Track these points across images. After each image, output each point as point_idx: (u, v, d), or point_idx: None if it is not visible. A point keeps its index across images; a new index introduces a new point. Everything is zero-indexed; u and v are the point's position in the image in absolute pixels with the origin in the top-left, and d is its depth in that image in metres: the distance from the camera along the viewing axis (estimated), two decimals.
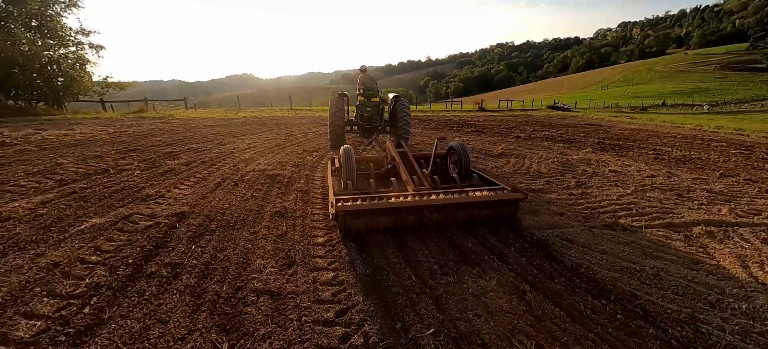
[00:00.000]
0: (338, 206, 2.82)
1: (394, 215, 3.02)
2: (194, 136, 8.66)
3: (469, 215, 3.25)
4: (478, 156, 6.98)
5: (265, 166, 5.47)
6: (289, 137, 9.03)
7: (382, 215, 2.99)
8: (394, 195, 3.09)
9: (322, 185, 4.65)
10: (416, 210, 3.05)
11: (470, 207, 3.22)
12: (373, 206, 2.90)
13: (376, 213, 2.96)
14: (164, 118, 13.41)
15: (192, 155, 6.30)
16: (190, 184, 4.51)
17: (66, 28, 15.00)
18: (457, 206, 3.15)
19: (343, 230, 2.98)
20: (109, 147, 6.85)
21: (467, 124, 14.36)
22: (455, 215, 3.21)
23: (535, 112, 26.50)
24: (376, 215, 2.97)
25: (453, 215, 3.20)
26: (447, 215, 3.17)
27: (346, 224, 2.93)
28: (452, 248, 2.81)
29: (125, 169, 5.13)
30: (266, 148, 7.37)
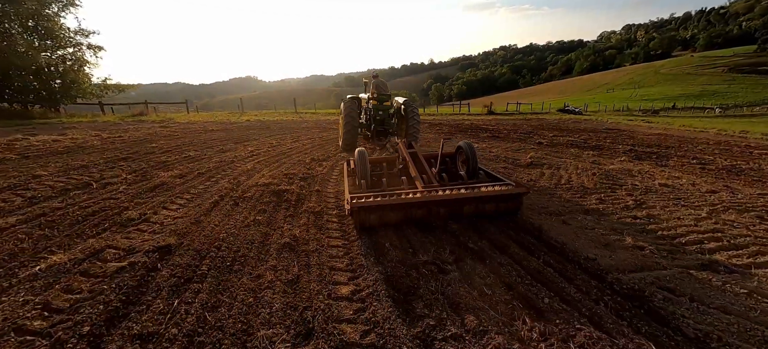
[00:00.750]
0: (353, 202, 3.07)
1: (403, 210, 3.25)
2: (193, 143, 8.02)
3: (475, 209, 3.46)
4: (506, 167, 6.27)
5: (270, 179, 4.79)
6: (294, 144, 8.36)
7: (393, 210, 3.21)
8: (404, 192, 3.41)
9: (338, 204, 3.96)
10: (424, 205, 3.28)
11: (475, 201, 3.41)
12: (384, 201, 3.12)
13: (387, 208, 3.17)
14: (164, 122, 12.81)
15: (188, 165, 5.64)
16: (182, 202, 3.83)
17: (64, 28, 14.53)
18: (462, 200, 3.36)
19: (358, 225, 3.18)
20: (98, 155, 6.22)
21: (481, 128, 13.65)
22: (461, 209, 3.43)
23: (546, 115, 25.74)
24: (387, 210, 3.19)
25: (459, 209, 3.42)
26: (453, 209, 3.40)
27: (361, 218, 3.14)
28: (525, 305, 2.10)
29: (110, 183, 4.47)
30: (271, 156, 6.70)
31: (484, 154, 7.63)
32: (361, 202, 3.08)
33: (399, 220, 3.27)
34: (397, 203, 3.16)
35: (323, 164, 6.03)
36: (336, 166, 5.94)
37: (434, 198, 3.25)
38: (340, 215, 3.61)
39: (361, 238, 2.98)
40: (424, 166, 4.20)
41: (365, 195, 3.22)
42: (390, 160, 4.97)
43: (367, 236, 3.02)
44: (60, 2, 13.91)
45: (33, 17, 13.29)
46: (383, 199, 3.15)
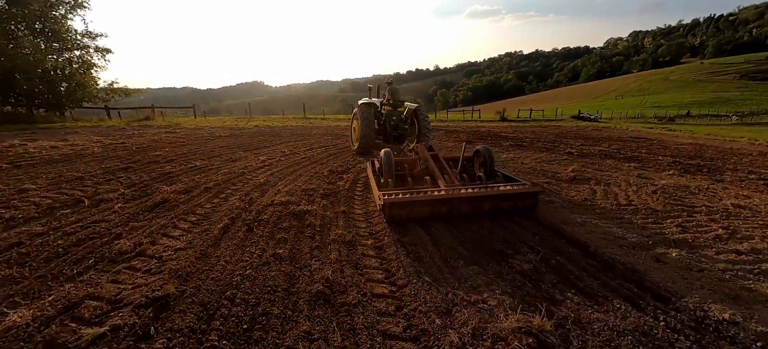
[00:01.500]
0: (385, 198, 3.29)
1: (430, 205, 3.47)
2: (200, 150, 7.46)
3: (494, 206, 3.72)
4: (548, 181, 5.58)
5: (288, 196, 4.17)
6: (309, 152, 7.76)
7: (420, 205, 3.44)
8: (430, 189, 3.74)
9: (371, 231, 3.31)
10: (448, 202, 3.53)
11: (494, 199, 3.70)
12: (412, 198, 3.38)
13: (416, 204, 3.41)
14: (170, 127, 12.33)
15: (194, 178, 5.04)
16: (186, 227, 3.21)
17: (71, 30, 14.22)
18: (483, 198, 3.64)
19: (389, 219, 3.39)
20: (96, 164, 5.66)
21: (500, 136, 12.97)
22: (482, 207, 3.69)
23: (561, 122, 24.95)
24: (415, 205, 3.41)
25: (480, 206, 3.68)
26: (475, 206, 3.65)
27: (391, 213, 3.36)
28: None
29: (105, 199, 3.88)
30: (285, 167, 6.09)
31: (515, 166, 6.95)
32: (391, 198, 3.33)
33: (425, 215, 3.50)
34: (425, 200, 3.43)
35: (344, 177, 5.39)
36: (359, 180, 5.30)
37: (459, 195, 3.54)
38: (376, 245, 2.96)
39: (412, 281, 2.32)
40: (446, 167, 4.54)
41: (394, 192, 3.52)
42: (411, 161, 5.20)
43: (417, 279, 2.36)
44: (67, 4, 13.63)
45: (40, 19, 12.99)
46: (411, 195, 3.44)
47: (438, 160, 4.70)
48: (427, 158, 4.75)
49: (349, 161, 6.78)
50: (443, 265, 2.59)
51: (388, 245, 2.92)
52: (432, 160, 4.62)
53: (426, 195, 3.45)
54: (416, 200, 3.38)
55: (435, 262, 2.64)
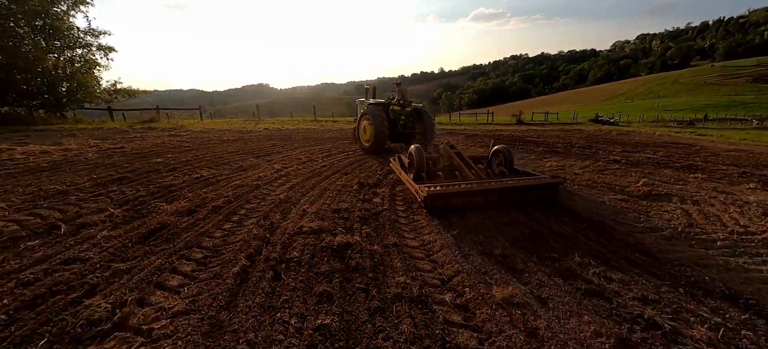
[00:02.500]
0: (427, 191, 3.73)
1: (467, 197, 3.87)
2: (207, 156, 6.63)
3: (520, 196, 4.12)
4: (624, 199, 4.64)
5: (318, 219, 3.30)
6: (328, 159, 6.89)
7: (459, 197, 3.83)
8: (465, 182, 4.22)
9: (444, 278, 2.42)
10: (482, 193, 3.93)
11: (522, 191, 4.14)
12: (452, 190, 3.80)
13: (454, 195, 3.80)
14: (175, 130, 11.56)
15: (200, 192, 4.19)
16: (189, 269, 2.35)
17: (73, 28, 13.54)
18: (512, 189, 4.07)
19: (430, 209, 3.74)
20: (87, 174, 4.84)
21: (527, 140, 12.02)
22: (512, 196, 4.07)
23: (579, 125, 23.89)
24: (454, 197, 3.81)
25: (510, 196, 4.06)
26: (505, 197, 4.03)
27: (433, 203, 3.74)
28: None
29: (87, 224, 3.04)
30: (305, 178, 5.22)
31: (569, 177, 6.02)
32: (433, 190, 3.68)
33: (462, 205, 3.81)
34: (464, 191, 3.80)
35: (378, 192, 4.51)
36: (397, 196, 4.41)
37: (491, 187, 3.96)
38: (459, 302, 2.07)
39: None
40: (470, 163, 5.02)
41: (434, 185, 3.88)
42: (433, 158, 5.38)
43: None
44: (69, 0, 12.97)
45: (40, 16, 12.35)
46: (451, 187, 3.81)
47: (462, 157, 5.15)
48: (451, 156, 5.20)
49: (377, 170, 5.90)
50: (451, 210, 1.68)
51: (477, 303, 2.03)
52: (458, 158, 5.11)
53: (466, 186, 3.89)
54: (455, 191, 3.77)
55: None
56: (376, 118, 7.61)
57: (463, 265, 2.53)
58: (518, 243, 3.01)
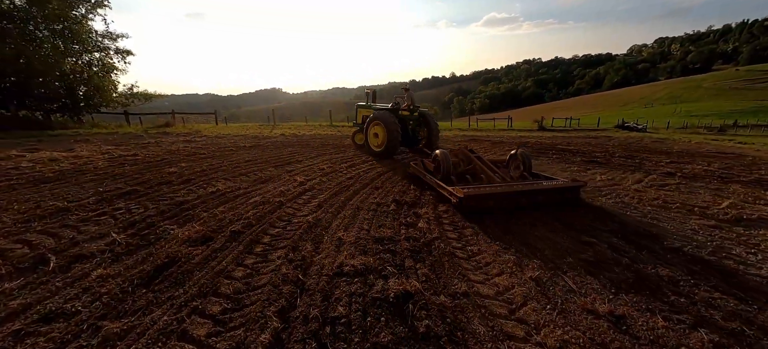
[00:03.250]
0: (464, 192, 3.85)
1: (501, 198, 4.03)
2: (223, 166, 6.12)
3: (545, 198, 4.27)
4: (716, 227, 3.86)
5: (359, 253, 2.67)
6: (353, 170, 6.29)
7: (493, 198, 3.99)
8: (499, 184, 4.41)
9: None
10: (516, 195, 4.11)
11: (549, 193, 4.31)
12: (487, 191, 4.00)
13: (489, 197, 3.97)
14: (190, 135, 11.21)
15: (217, 210, 3.63)
16: (203, 333, 1.75)
17: (91, 31, 13.47)
18: (542, 191, 4.26)
19: (467, 210, 3.87)
20: (94, 186, 4.36)
21: (558, 149, 11.18)
22: (539, 198, 4.21)
23: (606, 132, 22.73)
24: (489, 198, 3.97)
25: (537, 198, 4.21)
26: (532, 198, 4.16)
27: (469, 204, 3.88)
28: None
29: (83, 256, 2.49)
30: (332, 193, 4.61)
31: (626, 196, 5.24)
32: (469, 192, 3.89)
33: (495, 206, 3.98)
34: (498, 193, 4.04)
35: (420, 213, 3.86)
36: (443, 218, 3.75)
37: (523, 189, 4.20)
38: None
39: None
40: (493, 167, 5.12)
41: (468, 187, 4.13)
42: (455, 162, 5.43)
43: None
44: (88, 3, 12.90)
45: (59, 20, 12.29)
46: (484, 189, 4.08)
47: (483, 161, 5.29)
48: (473, 160, 5.33)
49: (409, 185, 5.25)
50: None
51: None
52: (478, 161, 5.25)
53: (502, 188, 4.10)
54: (492, 193, 3.96)
55: None
56: (390, 123, 7.55)
57: (566, 330, 1.86)
58: (625, 290, 2.30)
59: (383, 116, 7.79)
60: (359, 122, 9.96)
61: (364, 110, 9.89)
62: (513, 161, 5.58)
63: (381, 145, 7.81)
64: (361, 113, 9.98)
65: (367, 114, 9.20)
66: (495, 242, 3.04)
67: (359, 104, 10.19)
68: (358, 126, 9.93)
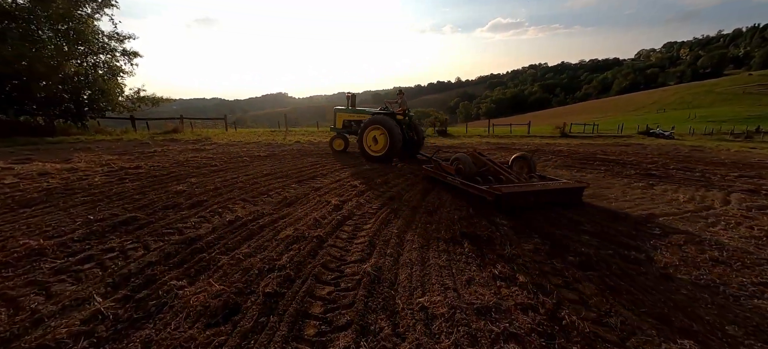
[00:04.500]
0: (504, 190, 4.17)
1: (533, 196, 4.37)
2: (238, 181, 5.23)
3: (565, 197, 4.63)
4: None
5: (467, 344, 1.73)
6: (388, 185, 5.34)
7: (527, 196, 4.33)
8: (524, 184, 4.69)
9: None
10: (545, 193, 4.47)
11: (568, 192, 4.70)
12: (522, 189, 4.39)
13: (523, 195, 4.32)
14: (199, 142, 10.42)
15: (238, 254, 2.71)
16: None
17: (97, 32, 12.82)
18: (563, 190, 4.66)
19: (505, 207, 4.13)
20: (85, 212, 3.50)
21: (599, 159, 10.14)
22: (561, 197, 4.59)
23: (629, 138, 21.58)
24: (523, 197, 4.31)
25: (560, 197, 4.59)
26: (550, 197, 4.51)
27: (508, 201, 4.15)
28: None
29: (45, 346, 1.59)
30: (381, 223, 3.64)
31: (725, 221, 4.23)
32: (510, 190, 4.25)
33: (525, 204, 4.29)
34: (533, 191, 4.41)
35: (504, 254, 2.90)
36: (540, 261, 2.80)
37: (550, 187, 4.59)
38: None
39: None
40: (507, 169, 5.43)
41: (504, 187, 4.42)
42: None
43: None
44: (94, 2, 12.27)
45: (64, 20, 11.65)
46: (517, 187, 4.41)
47: (495, 163, 5.47)
48: (485, 162, 5.50)
49: (468, 209, 4.30)
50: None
51: None
52: (491, 164, 5.44)
53: (541, 187, 4.56)
54: (527, 191, 4.37)
55: None
56: (393, 128, 7.49)
57: None
58: None
59: (385, 121, 7.63)
60: (339, 127, 9.47)
61: (344, 115, 9.48)
62: (516, 163, 5.91)
63: (381, 150, 7.69)
64: (341, 118, 9.50)
65: (349, 118, 9.21)
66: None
67: (338, 108, 9.66)
68: (337, 131, 9.45)
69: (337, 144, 9.31)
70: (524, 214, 4.06)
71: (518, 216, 3.99)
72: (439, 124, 22.80)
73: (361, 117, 9.21)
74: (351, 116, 9.43)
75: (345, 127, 9.44)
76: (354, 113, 9.45)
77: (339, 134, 9.39)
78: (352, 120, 9.41)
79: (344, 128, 9.44)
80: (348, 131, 9.46)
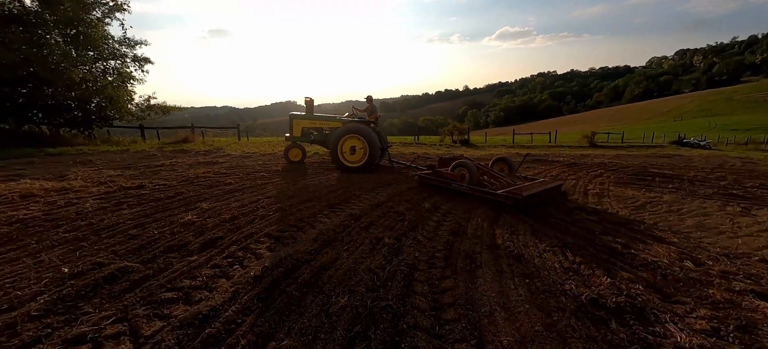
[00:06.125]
0: (525, 193, 4.49)
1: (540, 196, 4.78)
2: (259, 207, 4.26)
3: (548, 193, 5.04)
4: None
5: None
6: (438, 212, 4.32)
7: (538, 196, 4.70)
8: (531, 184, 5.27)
9: None
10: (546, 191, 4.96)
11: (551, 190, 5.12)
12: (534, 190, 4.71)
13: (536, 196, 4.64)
14: (211, 154, 9.58)
15: (280, 348, 1.73)
16: None
17: (107, 36, 12.23)
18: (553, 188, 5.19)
19: (524, 207, 4.35)
20: (62, 254, 2.56)
21: (651, 173, 8.96)
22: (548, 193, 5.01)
23: (663, 148, 20.19)
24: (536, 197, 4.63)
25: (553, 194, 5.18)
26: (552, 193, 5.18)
27: (526, 203, 4.38)
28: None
29: None
30: (463, 276, 2.64)
31: None
32: (528, 191, 4.59)
33: (534, 203, 4.57)
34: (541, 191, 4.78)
35: None
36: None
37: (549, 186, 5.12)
38: None
39: None
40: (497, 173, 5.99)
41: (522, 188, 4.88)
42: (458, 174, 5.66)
43: None
44: (105, 5, 11.72)
45: (73, 24, 11.09)
46: (527, 188, 4.82)
47: (488, 169, 6.02)
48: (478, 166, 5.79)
49: (557, 248, 3.25)
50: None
51: None
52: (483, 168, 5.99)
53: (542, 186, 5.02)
54: (538, 192, 4.71)
55: None
56: (370, 135, 7.33)
57: None
58: None
59: (363, 129, 7.38)
60: (297, 136, 8.43)
61: (304, 122, 8.48)
62: (497, 165, 6.54)
63: (360, 161, 7.43)
64: (299, 125, 8.44)
65: (310, 126, 8.49)
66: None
67: (295, 114, 8.56)
68: (294, 140, 8.41)
69: (293, 154, 8.27)
70: None
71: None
72: (458, 133, 21.74)
73: (324, 124, 8.55)
74: (312, 123, 8.49)
75: (304, 136, 8.47)
76: (315, 120, 8.52)
77: (295, 144, 8.38)
78: (313, 128, 8.51)
79: (303, 136, 8.47)
80: (306, 140, 8.53)
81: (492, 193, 4.79)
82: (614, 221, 4.36)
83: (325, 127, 8.55)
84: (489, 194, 4.83)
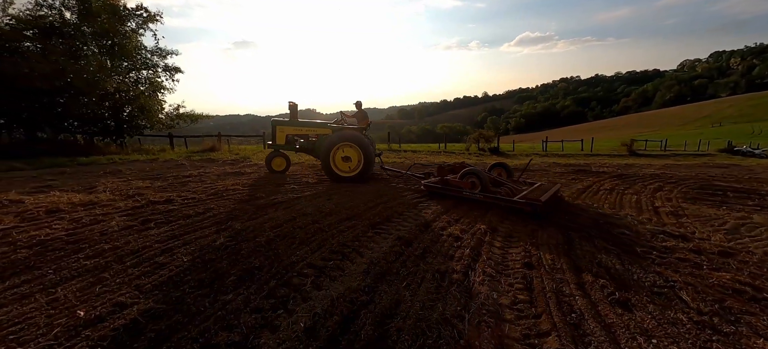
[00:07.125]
0: (543, 199, 4.40)
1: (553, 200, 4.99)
2: (296, 228, 3.80)
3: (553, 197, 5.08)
4: None
5: None
6: (518, 242, 3.72)
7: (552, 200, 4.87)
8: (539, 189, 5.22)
9: None
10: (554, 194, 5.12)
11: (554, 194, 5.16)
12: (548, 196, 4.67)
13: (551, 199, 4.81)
14: (237, 163, 9.36)
15: None
16: None
17: (141, 47, 12.48)
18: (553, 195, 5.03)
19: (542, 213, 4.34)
20: (76, 292, 2.16)
21: (720, 187, 7.90)
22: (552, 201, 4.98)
23: (712, 157, 18.50)
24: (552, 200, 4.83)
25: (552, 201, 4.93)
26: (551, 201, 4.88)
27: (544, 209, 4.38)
28: None
29: None
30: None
31: None
32: (544, 198, 4.48)
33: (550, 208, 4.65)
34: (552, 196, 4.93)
35: None
36: None
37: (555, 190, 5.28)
38: None
39: None
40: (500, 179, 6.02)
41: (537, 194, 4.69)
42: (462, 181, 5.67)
43: None
44: (139, 17, 11.97)
45: (108, 35, 11.36)
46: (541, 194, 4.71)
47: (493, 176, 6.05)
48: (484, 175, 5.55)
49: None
50: None
51: None
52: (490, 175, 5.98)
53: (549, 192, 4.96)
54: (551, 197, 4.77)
55: None
56: (364, 143, 7.08)
57: None
58: None
59: (357, 137, 7.05)
60: (281, 144, 7.70)
61: (288, 129, 7.76)
62: (495, 170, 6.69)
63: (355, 170, 7.09)
64: (282, 132, 7.69)
65: (295, 133, 7.85)
66: None
67: (277, 121, 7.87)
68: (277, 148, 7.72)
69: (276, 164, 7.69)
70: None
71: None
72: (484, 140, 20.85)
73: (310, 131, 7.90)
74: (297, 130, 7.84)
75: (288, 143, 7.84)
76: (301, 127, 7.86)
77: (278, 152, 7.79)
78: (298, 135, 7.90)
79: (287, 144, 7.83)
80: (291, 148, 7.91)
81: (509, 200, 4.64)
82: (714, 250, 3.59)
83: (312, 133, 7.91)
84: (505, 200, 4.69)
